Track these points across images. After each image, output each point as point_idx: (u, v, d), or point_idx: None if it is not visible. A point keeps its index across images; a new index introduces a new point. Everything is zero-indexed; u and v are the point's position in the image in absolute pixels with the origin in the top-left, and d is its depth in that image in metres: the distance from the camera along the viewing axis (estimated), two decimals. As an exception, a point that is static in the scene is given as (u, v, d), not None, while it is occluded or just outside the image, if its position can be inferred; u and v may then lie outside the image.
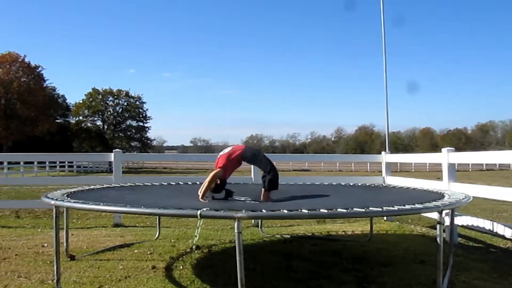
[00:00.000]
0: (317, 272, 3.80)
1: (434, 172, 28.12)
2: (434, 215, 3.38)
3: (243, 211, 2.75)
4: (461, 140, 75.74)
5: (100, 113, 52.06)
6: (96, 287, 3.40)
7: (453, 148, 5.50)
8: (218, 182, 3.94)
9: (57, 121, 49.61)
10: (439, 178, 5.81)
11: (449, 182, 5.25)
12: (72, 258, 4.25)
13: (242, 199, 4.05)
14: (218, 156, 4.04)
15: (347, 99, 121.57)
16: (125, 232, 5.85)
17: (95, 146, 47.69)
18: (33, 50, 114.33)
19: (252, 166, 6.96)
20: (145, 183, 5.69)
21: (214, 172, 3.89)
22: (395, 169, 32.71)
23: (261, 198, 3.95)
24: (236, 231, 2.63)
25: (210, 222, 6.46)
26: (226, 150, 4.09)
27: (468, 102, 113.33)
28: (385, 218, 6.85)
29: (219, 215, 2.91)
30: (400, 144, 78.61)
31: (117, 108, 52.42)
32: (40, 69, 44.88)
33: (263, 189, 3.98)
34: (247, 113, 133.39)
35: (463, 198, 3.68)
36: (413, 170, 36.46)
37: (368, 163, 34.02)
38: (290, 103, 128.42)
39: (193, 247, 4.79)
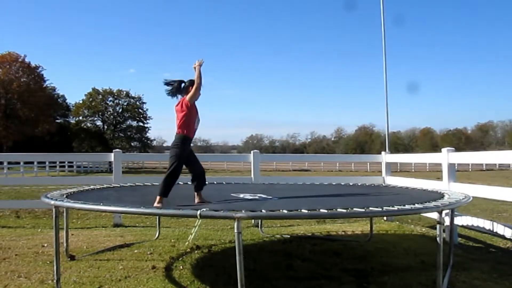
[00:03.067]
0: (317, 272, 3.80)
1: (434, 172, 28.12)
2: (434, 215, 3.38)
3: (243, 211, 2.75)
4: (461, 140, 75.73)
5: (100, 113, 52.01)
6: (96, 287, 3.40)
7: (453, 148, 5.50)
8: None
9: (57, 121, 49.60)
10: (439, 178, 5.81)
11: (449, 182, 5.25)
12: (72, 258, 4.25)
13: (241, 195, 4.05)
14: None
15: (347, 99, 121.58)
16: (125, 232, 5.85)
17: (95, 146, 47.63)
18: (33, 50, 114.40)
19: (252, 166, 6.97)
20: (145, 183, 5.69)
21: None
22: (395, 169, 32.69)
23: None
24: (236, 231, 2.63)
25: (210, 222, 6.46)
26: None
27: (468, 102, 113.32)
28: (385, 218, 6.85)
29: (219, 215, 2.91)
30: (400, 144, 78.61)
31: (117, 108, 52.36)
32: (40, 69, 44.89)
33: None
34: (247, 113, 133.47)
35: (463, 198, 3.68)
36: (413, 170, 36.45)
37: (368, 163, 34.02)
38: (290, 103, 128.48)
39: (192, 246, 4.79)
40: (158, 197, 3.62)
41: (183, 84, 3.95)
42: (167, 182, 3.68)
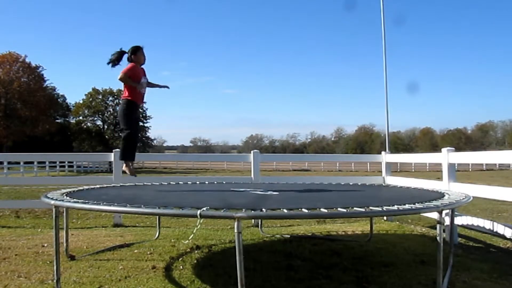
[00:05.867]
0: (317, 272, 3.80)
1: (434, 172, 28.12)
2: (434, 215, 3.38)
3: (243, 210, 2.75)
4: (461, 140, 75.77)
5: (100, 113, 52.07)
6: (96, 287, 3.40)
7: (453, 148, 5.50)
8: None
9: (57, 121, 49.68)
10: (439, 178, 5.80)
11: (449, 182, 5.25)
12: (72, 258, 4.25)
13: (242, 189, 4.07)
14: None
15: (347, 99, 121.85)
16: (125, 232, 5.85)
17: (95, 146, 47.71)
18: (33, 50, 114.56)
19: (252, 166, 6.97)
20: (145, 183, 5.69)
21: None
22: (395, 169, 32.71)
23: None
24: (236, 231, 2.63)
25: (210, 222, 6.46)
26: None
27: (468, 102, 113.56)
28: (385, 218, 6.85)
29: (219, 215, 2.91)
30: (400, 144, 78.65)
31: (118, 108, 52.45)
32: (40, 69, 44.99)
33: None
34: (247, 113, 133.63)
35: (463, 198, 3.67)
36: (413, 170, 36.46)
37: (368, 163, 34.05)
38: (290, 103, 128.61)
39: (192, 246, 4.79)
40: (123, 164, 4.17)
41: (125, 55, 4.39)
42: (124, 145, 4.21)
